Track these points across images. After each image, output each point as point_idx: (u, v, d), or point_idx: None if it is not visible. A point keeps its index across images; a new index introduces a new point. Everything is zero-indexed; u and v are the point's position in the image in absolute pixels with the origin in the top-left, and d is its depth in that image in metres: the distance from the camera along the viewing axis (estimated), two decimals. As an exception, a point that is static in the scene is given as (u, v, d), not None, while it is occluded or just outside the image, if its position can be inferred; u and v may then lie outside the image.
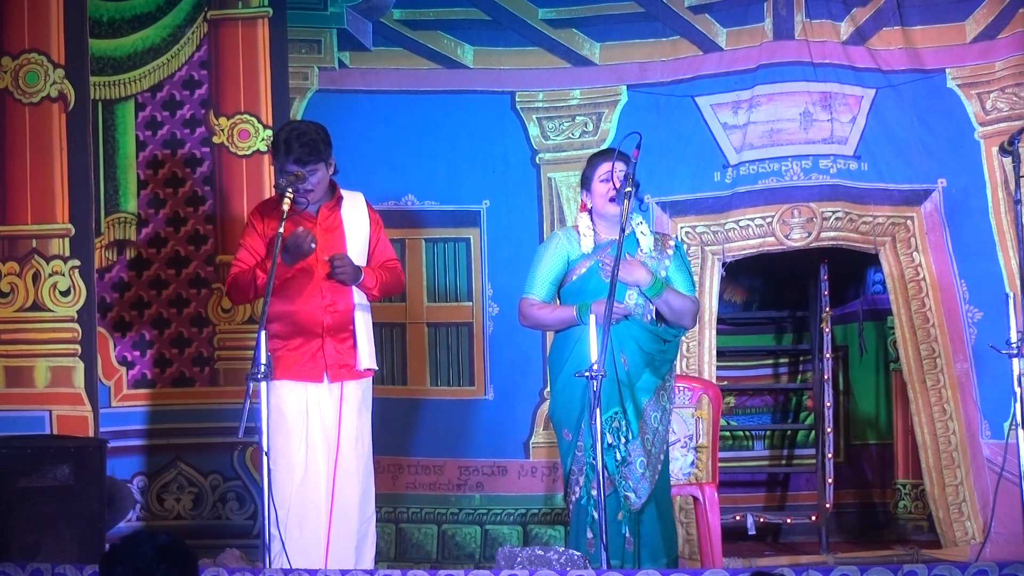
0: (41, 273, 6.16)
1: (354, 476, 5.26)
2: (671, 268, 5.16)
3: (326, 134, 5.30)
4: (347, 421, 5.28)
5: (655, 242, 5.17)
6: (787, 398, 7.78)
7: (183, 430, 6.56)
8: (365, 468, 5.31)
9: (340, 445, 5.24)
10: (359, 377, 5.31)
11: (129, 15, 6.69)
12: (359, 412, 5.30)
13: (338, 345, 5.26)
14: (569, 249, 5.14)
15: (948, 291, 6.51)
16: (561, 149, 6.84)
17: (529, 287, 5.16)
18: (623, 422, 4.98)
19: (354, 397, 5.30)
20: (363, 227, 5.37)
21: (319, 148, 5.23)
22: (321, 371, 5.24)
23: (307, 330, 5.23)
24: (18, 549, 5.34)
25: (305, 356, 5.23)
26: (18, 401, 6.19)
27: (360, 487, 5.27)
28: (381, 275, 5.34)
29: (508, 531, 6.75)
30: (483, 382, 6.81)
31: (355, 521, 5.25)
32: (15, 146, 6.20)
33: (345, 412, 5.27)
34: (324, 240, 5.26)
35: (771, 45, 6.69)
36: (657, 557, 5.01)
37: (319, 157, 5.22)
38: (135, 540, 3.06)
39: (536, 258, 5.19)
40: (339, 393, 5.27)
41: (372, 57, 6.90)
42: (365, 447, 5.33)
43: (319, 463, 5.21)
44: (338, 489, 5.21)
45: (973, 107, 6.56)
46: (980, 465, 6.39)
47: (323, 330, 5.24)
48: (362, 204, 5.41)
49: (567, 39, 6.85)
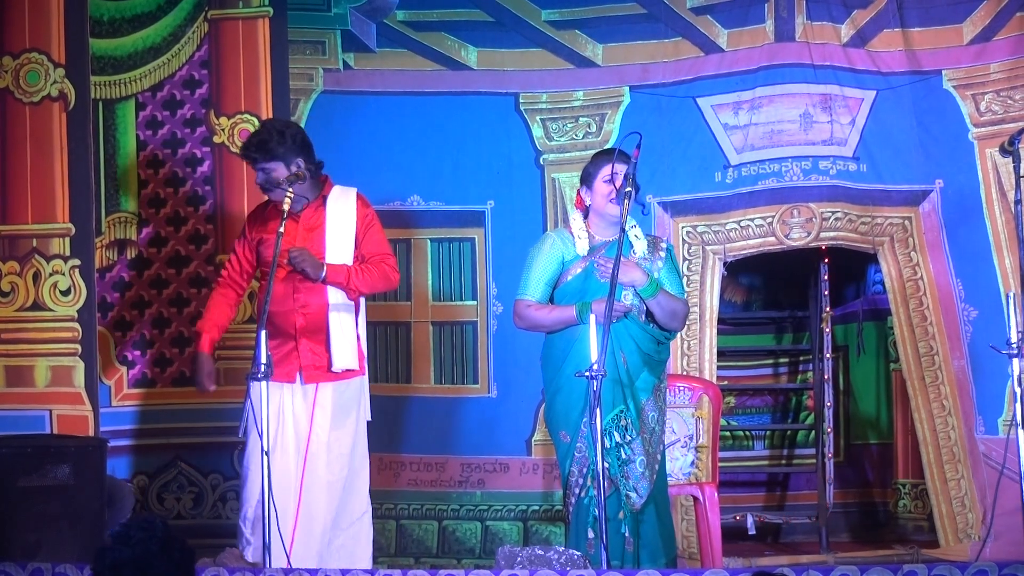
0: (41, 273, 6.15)
1: (322, 481, 5.29)
2: (662, 271, 5.16)
3: (292, 135, 5.37)
4: (319, 425, 5.31)
5: (647, 245, 5.18)
6: (787, 398, 7.79)
7: (183, 429, 6.56)
8: (340, 473, 5.33)
9: (309, 449, 5.24)
10: (336, 379, 5.33)
11: (130, 15, 6.68)
12: (334, 416, 5.32)
13: (313, 346, 5.29)
14: (564, 250, 5.13)
15: (945, 290, 6.55)
16: (565, 150, 6.85)
17: (524, 288, 5.14)
18: (628, 419, 4.99)
19: (329, 401, 5.32)
20: (349, 224, 5.38)
21: (269, 147, 5.31)
22: (295, 372, 5.28)
23: (282, 331, 5.30)
24: (18, 548, 5.33)
25: (278, 357, 5.26)
26: (18, 400, 6.17)
27: (328, 491, 5.29)
28: (359, 270, 5.34)
29: (508, 527, 6.78)
30: (486, 380, 6.84)
31: (321, 525, 5.28)
32: (15, 145, 6.18)
33: (317, 416, 5.30)
34: (305, 240, 5.33)
35: (772, 47, 6.71)
36: (656, 557, 5.02)
37: (270, 156, 5.31)
38: (130, 534, 3.04)
39: (530, 259, 5.16)
40: (313, 396, 5.29)
41: (376, 58, 6.91)
42: (342, 451, 5.34)
43: (289, 465, 5.22)
44: (305, 492, 5.24)
45: (968, 109, 6.59)
46: (977, 460, 6.43)
47: (296, 331, 5.30)
48: (352, 200, 5.43)
49: (570, 40, 6.86)
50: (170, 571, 2.98)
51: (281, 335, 5.30)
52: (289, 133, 5.37)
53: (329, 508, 5.31)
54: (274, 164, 5.32)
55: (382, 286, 5.51)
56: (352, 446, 5.39)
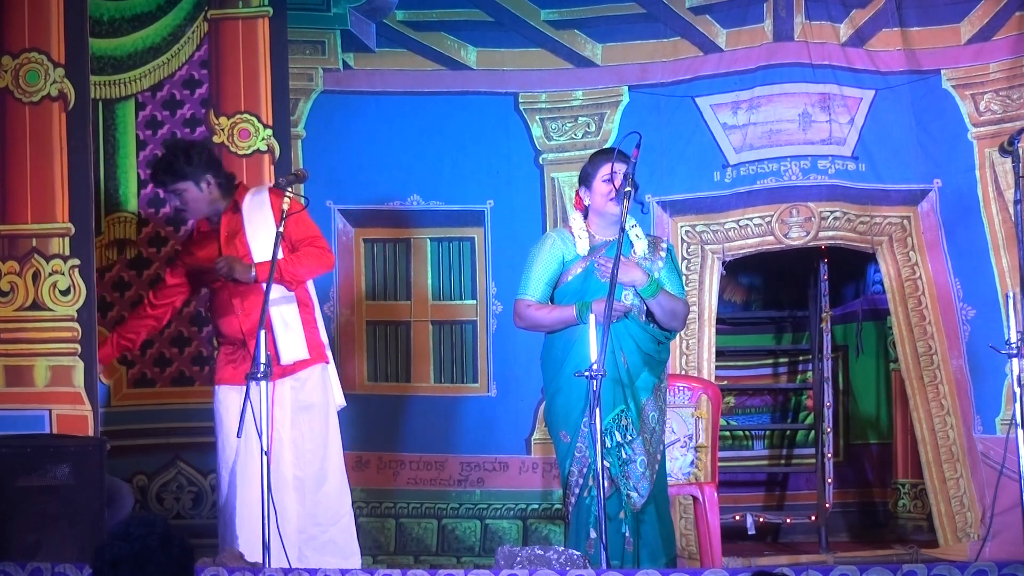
0: (41, 272, 6.13)
1: (287, 479, 5.31)
2: (663, 271, 5.16)
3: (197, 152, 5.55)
4: (279, 423, 5.33)
5: (647, 244, 5.18)
6: (787, 398, 7.80)
7: (183, 429, 6.55)
8: (309, 469, 5.39)
9: (272, 447, 5.18)
10: (291, 372, 5.40)
11: (129, 14, 6.68)
12: (295, 412, 5.39)
13: None
14: (564, 250, 5.13)
15: (944, 289, 6.55)
16: (564, 149, 6.86)
17: (524, 288, 5.14)
18: (629, 419, 4.99)
19: (287, 397, 5.37)
20: (266, 219, 5.45)
21: (175, 168, 5.49)
22: (243, 374, 5.23)
23: (231, 338, 5.50)
24: (18, 548, 5.31)
25: (237, 361, 5.43)
26: (18, 400, 6.14)
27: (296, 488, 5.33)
28: (290, 260, 5.40)
29: (508, 525, 6.79)
30: (486, 379, 6.84)
31: (294, 523, 5.30)
32: (15, 145, 6.16)
33: (276, 414, 5.31)
34: (229, 246, 5.47)
35: (771, 46, 6.72)
36: (657, 557, 5.02)
37: (179, 176, 5.49)
38: (130, 530, 3.04)
39: (530, 259, 5.16)
40: (270, 393, 5.23)
41: (376, 58, 6.92)
42: (309, 446, 5.40)
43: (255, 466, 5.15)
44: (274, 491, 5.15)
45: (967, 108, 6.60)
46: (976, 460, 6.43)
47: (244, 335, 5.43)
48: (264, 196, 5.54)
49: (569, 40, 6.87)
50: (169, 567, 2.98)
51: (231, 342, 5.51)
52: (195, 151, 5.56)
53: (302, 505, 5.34)
54: (184, 184, 5.52)
55: (320, 268, 5.60)
56: (324, 438, 5.45)
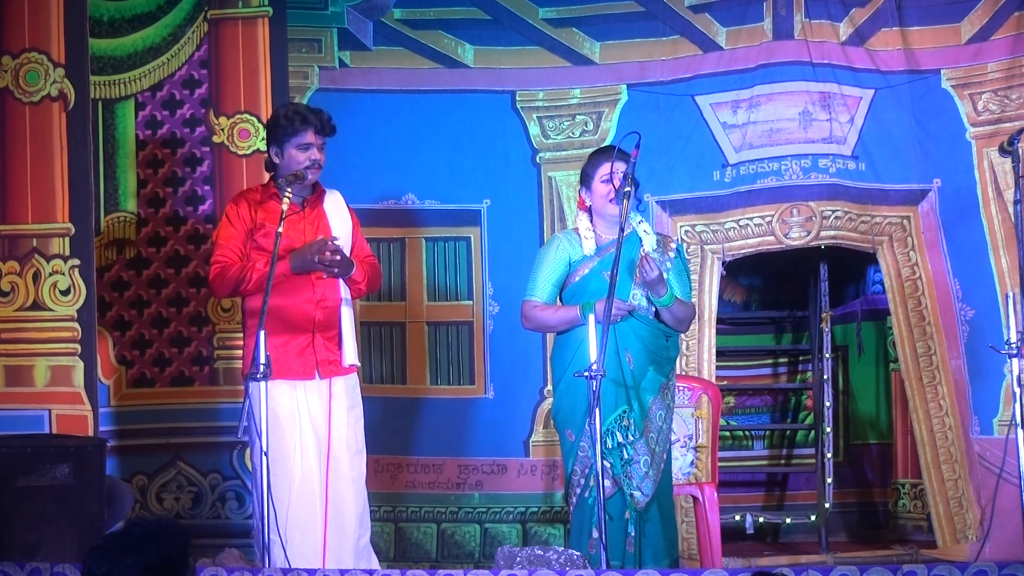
0: (41, 272, 6.15)
1: (347, 476, 5.23)
2: (671, 272, 5.16)
3: None
4: (337, 419, 5.24)
5: (657, 242, 5.18)
6: (787, 398, 7.79)
7: (182, 429, 6.55)
8: (360, 469, 5.28)
9: (331, 445, 5.18)
10: (345, 373, 5.28)
11: (129, 15, 6.69)
12: (349, 410, 5.27)
13: (326, 342, 5.21)
14: (570, 251, 5.15)
15: (943, 290, 6.55)
16: (561, 148, 6.85)
17: (531, 290, 5.17)
18: (631, 420, 4.99)
19: (342, 394, 5.26)
20: (345, 222, 5.35)
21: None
22: (312, 368, 5.18)
23: (296, 326, 5.15)
24: (18, 548, 5.32)
25: (293, 353, 5.15)
26: (18, 400, 6.16)
27: (354, 487, 5.23)
28: (366, 270, 5.32)
29: (507, 529, 6.77)
30: (483, 381, 6.83)
31: (353, 523, 5.22)
32: (15, 145, 6.18)
33: (335, 410, 5.24)
34: (311, 234, 5.24)
35: (771, 45, 6.71)
36: (659, 557, 5.02)
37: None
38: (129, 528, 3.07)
39: (537, 260, 5.20)
40: (328, 391, 5.23)
41: (373, 56, 6.92)
42: (359, 447, 5.29)
43: (311, 465, 5.16)
44: (332, 491, 5.16)
45: (966, 108, 6.59)
46: (974, 460, 6.43)
47: (314, 326, 5.17)
48: (341, 200, 5.41)
49: (567, 38, 6.86)
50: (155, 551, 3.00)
51: (294, 330, 5.14)
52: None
53: (357, 505, 5.25)
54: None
55: (377, 286, 5.52)
56: (363, 442, 5.36)
